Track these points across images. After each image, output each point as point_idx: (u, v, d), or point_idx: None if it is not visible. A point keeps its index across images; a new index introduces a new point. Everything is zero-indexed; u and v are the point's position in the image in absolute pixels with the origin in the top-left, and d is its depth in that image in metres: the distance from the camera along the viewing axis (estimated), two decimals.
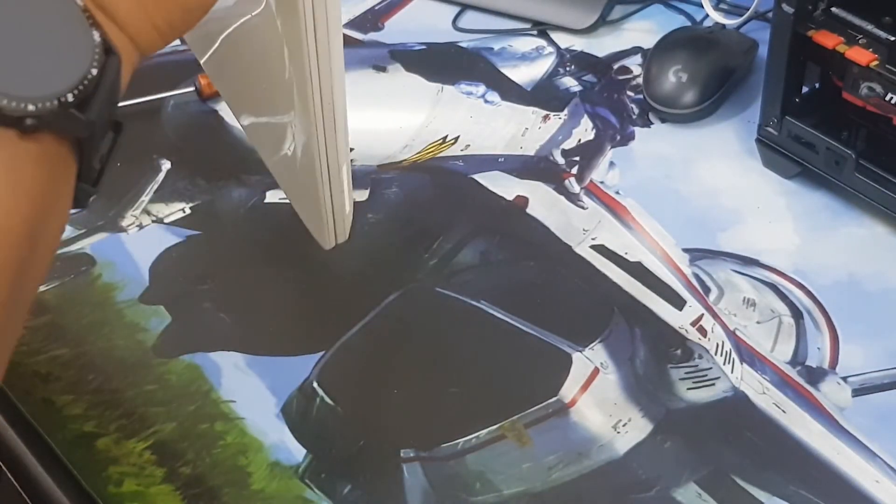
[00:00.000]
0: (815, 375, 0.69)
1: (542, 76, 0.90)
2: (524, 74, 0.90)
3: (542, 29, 0.94)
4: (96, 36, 0.41)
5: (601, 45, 0.92)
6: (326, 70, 0.54)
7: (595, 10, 0.93)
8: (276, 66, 0.59)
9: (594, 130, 0.85)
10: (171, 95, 0.88)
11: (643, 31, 0.93)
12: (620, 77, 0.89)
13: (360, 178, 0.81)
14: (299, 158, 0.62)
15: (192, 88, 0.88)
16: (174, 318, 0.74)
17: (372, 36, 0.94)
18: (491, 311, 0.73)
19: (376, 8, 0.96)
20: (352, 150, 0.82)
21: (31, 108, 0.39)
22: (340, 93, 0.55)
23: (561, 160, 0.82)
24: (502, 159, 0.83)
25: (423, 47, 0.93)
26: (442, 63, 0.91)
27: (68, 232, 0.79)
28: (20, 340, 0.41)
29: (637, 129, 0.85)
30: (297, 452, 0.66)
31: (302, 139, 0.59)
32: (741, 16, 0.88)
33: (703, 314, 0.72)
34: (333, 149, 0.58)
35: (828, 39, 0.72)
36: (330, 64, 0.53)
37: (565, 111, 0.86)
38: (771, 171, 0.80)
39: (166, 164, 0.83)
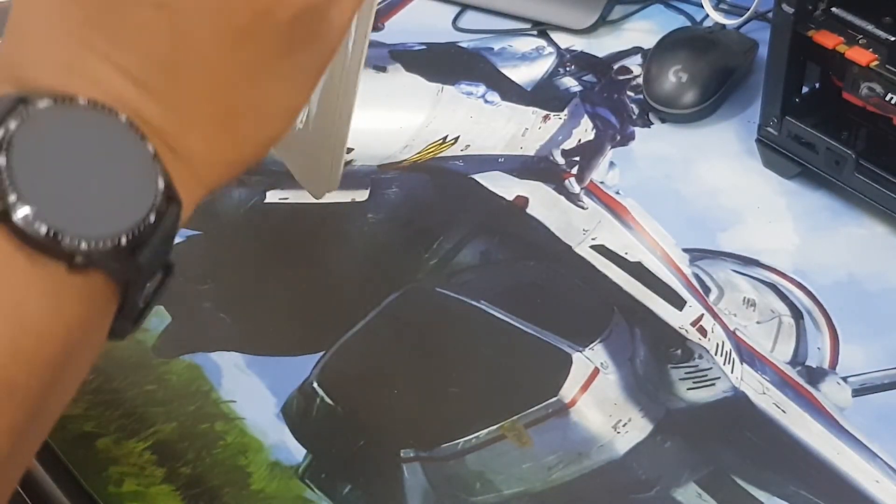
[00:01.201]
0: (815, 375, 0.69)
1: (542, 76, 0.90)
2: (524, 74, 0.90)
3: (542, 29, 0.94)
4: (161, 184, 0.41)
5: (601, 45, 0.92)
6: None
7: (595, 10, 0.93)
8: None
9: (594, 130, 0.85)
10: None
11: (643, 31, 0.92)
12: (620, 77, 0.89)
13: (360, 178, 0.81)
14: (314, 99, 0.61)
15: None
16: (174, 318, 0.73)
17: (372, 36, 0.93)
18: (491, 311, 0.73)
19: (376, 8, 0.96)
20: (352, 150, 0.83)
21: (83, 245, 0.38)
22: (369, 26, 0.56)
23: (561, 160, 0.82)
24: (502, 159, 0.83)
25: (423, 47, 0.93)
26: (442, 63, 0.91)
27: None
28: None
29: (637, 129, 0.85)
30: (297, 452, 0.66)
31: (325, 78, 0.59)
32: (741, 16, 0.88)
33: (703, 314, 0.72)
34: (354, 84, 0.57)
35: (828, 39, 0.72)
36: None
37: (565, 111, 0.86)
38: (771, 171, 0.80)
39: None
